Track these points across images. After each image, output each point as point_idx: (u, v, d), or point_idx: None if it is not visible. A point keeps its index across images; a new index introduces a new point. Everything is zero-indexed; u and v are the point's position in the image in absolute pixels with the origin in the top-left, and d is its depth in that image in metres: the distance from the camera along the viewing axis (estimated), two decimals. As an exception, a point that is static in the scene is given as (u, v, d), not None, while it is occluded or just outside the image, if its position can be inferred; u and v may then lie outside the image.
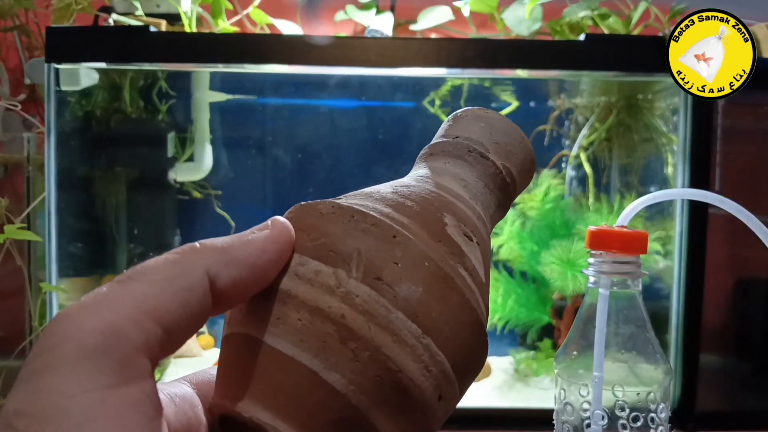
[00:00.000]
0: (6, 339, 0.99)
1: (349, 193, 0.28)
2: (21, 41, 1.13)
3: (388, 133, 1.22)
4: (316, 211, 0.26)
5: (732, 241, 0.99)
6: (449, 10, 1.07)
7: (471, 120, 0.31)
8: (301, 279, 0.24)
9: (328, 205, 0.26)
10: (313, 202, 0.27)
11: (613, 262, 0.40)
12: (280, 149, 1.22)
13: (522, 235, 1.05)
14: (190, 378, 0.28)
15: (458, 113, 0.32)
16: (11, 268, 0.95)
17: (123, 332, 0.20)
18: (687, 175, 0.94)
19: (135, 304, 0.21)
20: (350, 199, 0.27)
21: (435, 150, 0.31)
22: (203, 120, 1.15)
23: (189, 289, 0.22)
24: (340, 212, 0.25)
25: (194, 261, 0.22)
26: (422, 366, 0.24)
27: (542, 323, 1.08)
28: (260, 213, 1.24)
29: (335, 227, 0.25)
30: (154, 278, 0.22)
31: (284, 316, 0.23)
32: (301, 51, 0.92)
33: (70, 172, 1.06)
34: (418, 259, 0.24)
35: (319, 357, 0.23)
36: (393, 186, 0.28)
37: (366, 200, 0.27)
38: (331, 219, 0.25)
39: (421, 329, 0.24)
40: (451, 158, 0.30)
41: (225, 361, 0.25)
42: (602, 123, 1.10)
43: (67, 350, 0.20)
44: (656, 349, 0.41)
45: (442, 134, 0.32)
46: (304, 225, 0.25)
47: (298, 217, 0.26)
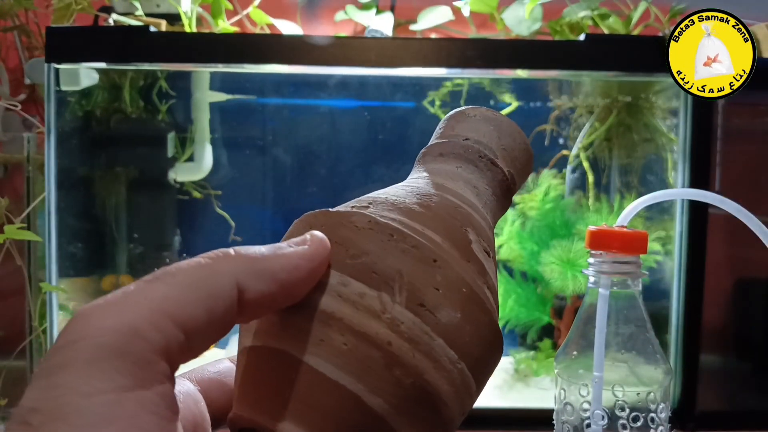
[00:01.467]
0: (6, 339, 0.99)
1: (370, 197, 0.27)
2: (21, 41, 1.13)
3: (388, 133, 1.22)
4: (351, 224, 0.25)
5: (732, 241, 0.99)
6: (449, 10, 1.07)
7: (480, 121, 0.31)
8: (345, 301, 0.23)
9: (364, 218, 0.25)
10: (344, 212, 0.26)
11: (613, 262, 0.40)
12: (280, 149, 1.22)
13: (522, 235, 1.05)
14: (190, 375, 0.28)
15: (466, 111, 0.32)
16: (11, 268, 0.95)
17: (142, 334, 0.20)
18: (687, 175, 0.94)
19: (157, 306, 0.20)
20: (377, 209, 0.26)
21: (445, 150, 0.30)
22: (203, 120, 1.15)
23: (215, 296, 0.21)
24: (377, 228, 0.25)
25: (224, 268, 0.22)
26: (454, 389, 0.24)
27: (542, 323, 1.08)
28: (260, 213, 1.24)
29: (374, 245, 0.24)
30: (181, 281, 0.21)
31: (328, 338, 0.23)
32: (301, 51, 0.92)
33: (70, 172, 1.06)
34: (456, 285, 0.25)
35: (363, 381, 0.23)
36: (416, 195, 0.27)
37: (394, 212, 0.26)
38: (369, 235, 0.25)
39: (457, 355, 0.24)
40: (462, 162, 0.30)
41: (253, 373, 0.24)
42: (602, 123, 1.10)
43: (85, 349, 0.20)
44: (656, 349, 0.41)
45: (451, 133, 0.31)
46: (339, 238, 0.25)
47: (330, 228, 0.25)
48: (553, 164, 1.13)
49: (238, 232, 1.19)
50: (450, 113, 0.32)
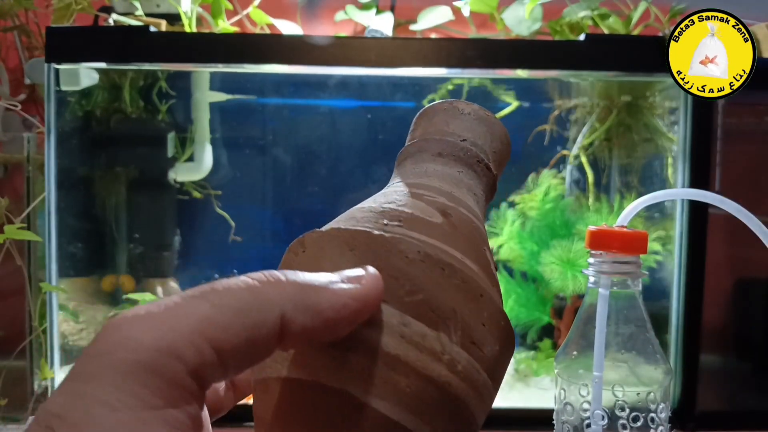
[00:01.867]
0: (6, 339, 0.99)
1: (394, 210, 0.26)
2: (21, 41, 1.13)
3: (388, 133, 1.21)
4: (401, 254, 0.25)
5: (732, 241, 0.99)
6: (449, 10, 1.07)
7: (475, 121, 0.31)
8: (409, 343, 0.23)
9: (412, 248, 0.25)
10: (389, 238, 0.25)
11: (613, 262, 0.40)
12: (280, 149, 1.22)
13: (522, 235, 1.05)
14: None
15: (459, 107, 0.31)
16: (11, 268, 0.95)
17: (179, 354, 0.19)
18: (687, 175, 0.94)
19: (198, 327, 0.20)
20: (412, 229, 0.26)
21: (444, 150, 0.30)
22: (203, 120, 1.14)
23: (258, 326, 0.21)
24: (428, 261, 0.25)
25: (272, 297, 0.21)
26: (485, 411, 0.26)
27: (542, 323, 1.08)
28: (260, 213, 1.24)
29: (427, 280, 0.24)
30: (226, 303, 0.21)
31: (392, 380, 0.23)
32: (301, 51, 0.92)
33: (70, 172, 1.06)
34: (496, 318, 0.25)
35: (425, 421, 0.23)
36: (438, 210, 0.27)
37: (431, 235, 0.26)
38: (421, 268, 0.24)
39: (492, 383, 0.25)
40: (463, 167, 0.30)
41: (301, 409, 0.24)
42: (602, 123, 1.10)
43: (119, 361, 0.19)
44: (656, 349, 0.40)
45: (446, 129, 0.31)
46: (391, 269, 0.24)
47: (377, 255, 0.25)
48: (553, 164, 1.13)
49: (238, 232, 1.19)
50: (439, 104, 0.32)
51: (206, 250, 1.22)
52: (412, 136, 0.32)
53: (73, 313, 1.05)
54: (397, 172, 0.30)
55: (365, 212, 0.27)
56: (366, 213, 0.27)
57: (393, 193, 0.28)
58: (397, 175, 0.30)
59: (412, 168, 0.30)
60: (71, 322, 1.05)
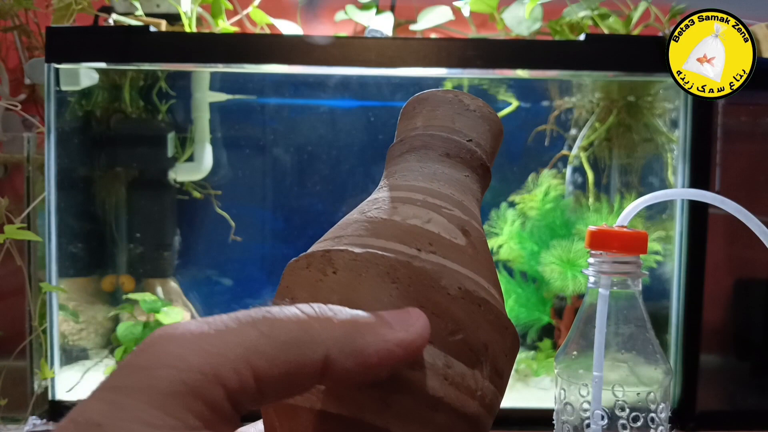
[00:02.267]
0: (6, 339, 0.99)
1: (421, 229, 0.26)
2: (21, 41, 1.13)
3: (388, 133, 1.21)
4: (443, 290, 0.25)
5: (732, 241, 0.99)
6: (449, 10, 1.07)
7: (479, 119, 0.30)
8: (451, 384, 0.24)
9: (453, 283, 0.25)
10: (430, 270, 0.25)
11: (613, 262, 0.40)
12: (279, 149, 1.22)
13: (522, 235, 1.05)
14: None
15: (465, 102, 0.30)
16: (11, 268, 0.95)
17: (223, 380, 0.20)
18: (687, 175, 0.94)
19: (244, 355, 0.20)
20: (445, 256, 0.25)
21: (452, 151, 0.29)
22: (203, 120, 1.14)
23: (302, 363, 0.21)
24: (468, 298, 0.25)
25: (319, 336, 0.21)
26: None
27: (542, 323, 1.08)
28: (260, 213, 1.24)
29: (466, 317, 0.25)
30: (275, 336, 0.21)
31: (433, 420, 0.24)
32: (301, 51, 0.92)
33: (70, 172, 1.06)
34: (515, 346, 0.26)
35: None
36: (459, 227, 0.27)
37: (463, 264, 0.26)
38: (461, 306, 0.25)
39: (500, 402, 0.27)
40: (469, 171, 0.29)
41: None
42: (602, 123, 1.10)
43: (164, 379, 0.19)
44: (656, 349, 0.40)
45: (452, 126, 0.30)
46: (434, 307, 0.24)
47: (419, 288, 0.24)
48: (553, 164, 1.13)
49: (238, 232, 1.19)
50: (442, 94, 0.31)
51: (206, 250, 1.22)
52: (412, 124, 0.31)
53: (73, 313, 1.05)
54: (403, 167, 0.30)
55: (388, 226, 0.26)
56: (391, 228, 0.26)
57: (409, 200, 0.27)
58: (403, 170, 0.29)
59: (418, 167, 0.29)
60: (71, 322, 1.05)
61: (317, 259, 0.26)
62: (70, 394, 0.97)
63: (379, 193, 0.29)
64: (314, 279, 0.25)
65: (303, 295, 0.25)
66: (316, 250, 0.26)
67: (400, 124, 0.32)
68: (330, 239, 0.27)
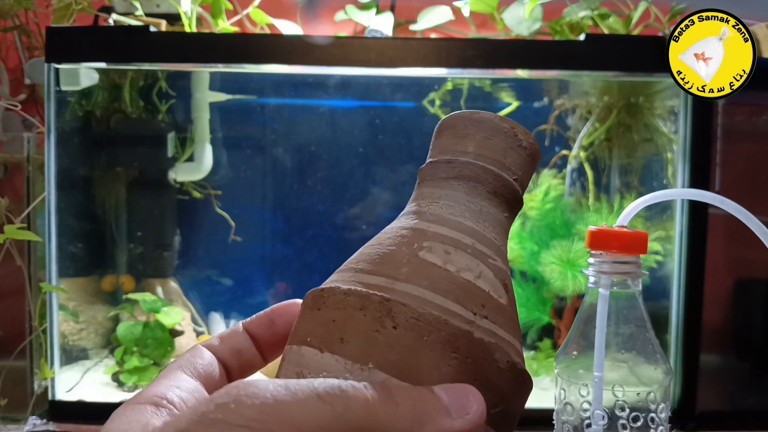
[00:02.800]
0: (6, 339, 0.99)
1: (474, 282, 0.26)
2: (21, 41, 1.13)
3: (388, 133, 1.21)
4: (495, 363, 0.25)
5: (732, 241, 0.99)
6: (449, 10, 1.07)
7: (528, 158, 0.30)
8: None
9: (504, 357, 0.25)
10: (487, 343, 0.25)
11: (613, 262, 0.40)
12: (280, 149, 1.22)
13: (522, 235, 1.05)
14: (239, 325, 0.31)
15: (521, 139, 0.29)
16: (11, 268, 0.95)
17: None
18: (687, 175, 0.94)
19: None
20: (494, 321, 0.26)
21: (499, 190, 0.29)
22: (203, 120, 1.14)
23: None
24: (513, 371, 0.26)
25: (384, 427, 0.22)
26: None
27: (542, 323, 1.08)
28: (260, 213, 1.24)
29: (509, 391, 0.26)
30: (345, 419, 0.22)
31: None
32: (301, 51, 0.92)
33: (70, 172, 1.06)
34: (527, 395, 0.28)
35: None
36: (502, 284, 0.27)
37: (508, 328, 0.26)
38: (507, 379, 0.25)
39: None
40: (509, 211, 0.29)
41: None
42: (602, 123, 1.10)
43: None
44: (656, 349, 0.40)
45: (504, 164, 0.29)
46: (484, 380, 0.25)
47: (477, 366, 0.25)
48: (553, 164, 1.13)
49: (238, 232, 1.19)
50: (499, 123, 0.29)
51: (206, 250, 1.22)
52: (462, 146, 0.29)
53: (73, 313, 1.05)
54: (449, 195, 0.29)
55: (444, 279, 0.26)
56: (446, 282, 0.26)
57: (459, 244, 0.27)
58: (448, 199, 0.28)
59: (466, 200, 0.28)
60: (71, 322, 1.05)
61: (374, 304, 0.25)
62: (70, 394, 0.97)
63: (424, 222, 0.28)
64: (371, 328, 0.25)
65: (358, 344, 0.25)
66: (372, 293, 0.25)
67: (443, 138, 0.30)
68: (378, 275, 0.26)
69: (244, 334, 0.31)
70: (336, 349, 0.25)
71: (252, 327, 0.31)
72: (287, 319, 0.31)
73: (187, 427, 0.21)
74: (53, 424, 0.92)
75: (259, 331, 0.31)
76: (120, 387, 1.00)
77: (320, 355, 0.25)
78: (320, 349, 0.25)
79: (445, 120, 0.31)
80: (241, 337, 0.30)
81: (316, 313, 0.26)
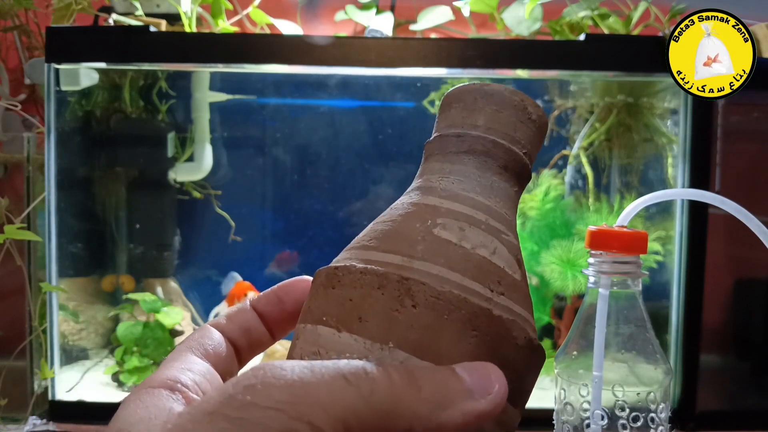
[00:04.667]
0: (6, 339, 0.99)
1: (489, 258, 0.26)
2: (21, 41, 1.13)
3: (388, 133, 1.21)
4: (513, 340, 0.25)
5: (732, 241, 0.99)
6: (449, 10, 1.07)
7: (537, 131, 0.29)
8: (498, 425, 0.25)
9: (522, 333, 0.25)
10: (506, 320, 0.25)
11: (613, 262, 0.40)
12: (280, 149, 1.22)
13: (522, 235, 1.05)
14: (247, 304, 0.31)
15: (530, 111, 0.29)
16: (11, 268, 0.95)
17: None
18: (687, 175, 0.94)
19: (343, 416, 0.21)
20: (510, 297, 0.26)
21: (509, 164, 0.28)
22: (203, 120, 1.14)
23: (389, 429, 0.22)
24: (529, 347, 0.26)
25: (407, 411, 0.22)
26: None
27: (542, 323, 1.08)
28: (260, 213, 1.24)
29: (525, 366, 0.26)
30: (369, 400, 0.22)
31: None
32: (301, 51, 0.92)
33: (70, 172, 1.06)
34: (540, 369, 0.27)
35: None
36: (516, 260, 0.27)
37: (523, 305, 0.26)
38: (524, 355, 0.25)
39: None
40: (519, 186, 0.29)
41: None
42: (602, 123, 1.10)
43: (274, 419, 0.20)
44: (656, 349, 0.41)
45: (515, 137, 0.28)
46: (502, 358, 0.25)
47: (496, 343, 0.25)
48: (553, 164, 1.13)
49: (238, 232, 1.19)
50: (509, 96, 0.29)
51: (206, 250, 1.22)
52: (473, 120, 0.29)
53: (73, 313, 1.05)
54: (460, 170, 0.28)
55: (460, 256, 0.26)
56: (463, 260, 0.25)
57: (473, 220, 0.27)
58: (459, 174, 0.28)
59: (477, 175, 0.28)
60: (71, 322, 1.05)
61: (393, 283, 0.25)
62: (70, 394, 0.97)
63: (436, 198, 0.27)
64: (390, 308, 0.24)
65: (377, 323, 0.24)
66: (390, 273, 0.25)
67: (452, 111, 0.29)
68: (395, 253, 0.26)
69: (252, 312, 0.30)
70: (354, 328, 0.24)
71: (259, 305, 0.31)
72: (295, 296, 0.31)
73: (216, 409, 0.20)
74: (53, 424, 0.92)
75: (266, 308, 0.31)
76: (120, 387, 1.00)
77: (338, 335, 0.25)
78: (337, 328, 0.25)
79: (454, 92, 0.30)
80: (249, 315, 0.30)
81: (331, 292, 0.26)
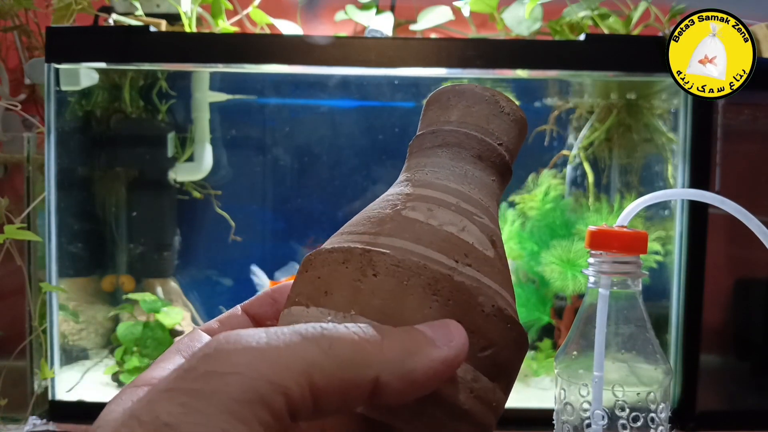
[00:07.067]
0: (6, 339, 0.99)
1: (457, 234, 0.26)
2: (21, 41, 1.13)
3: (388, 134, 1.21)
4: (479, 307, 0.25)
5: (732, 241, 0.99)
6: (449, 10, 1.07)
7: (512, 123, 0.30)
8: (476, 398, 0.25)
9: (488, 302, 0.25)
10: (469, 287, 0.25)
11: (613, 262, 0.40)
12: (279, 149, 1.22)
13: (522, 235, 1.05)
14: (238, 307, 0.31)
15: (502, 105, 0.30)
16: (11, 268, 0.95)
17: (287, 392, 0.20)
18: (687, 175, 0.94)
19: (307, 371, 0.21)
20: (479, 270, 0.26)
21: (484, 154, 0.29)
22: (203, 120, 1.14)
23: (355, 383, 0.22)
24: (499, 316, 0.26)
25: (371, 359, 0.22)
26: None
27: (542, 323, 1.08)
28: (260, 213, 1.24)
29: (497, 336, 0.25)
30: (333, 354, 0.22)
31: (458, 429, 0.25)
32: (301, 51, 0.92)
33: (70, 172, 1.06)
34: (524, 354, 0.27)
35: None
36: (490, 238, 0.27)
37: (495, 279, 0.26)
38: (493, 324, 0.25)
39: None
40: (497, 175, 0.29)
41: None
42: (602, 123, 1.10)
43: (234, 384, 0.20)
44: (656, 349, 0.40)
45: (488, 129, 0.29)
46: (470, 324, 0.25)
47: (461, 308, 0.25)
48: (553, 164, 1.13)
49: (238, 232, 1.19)
50: (480, 92, 0.30)
51: (206, 250, 1.22)
52: (446, 116, 0.30)
53: (73, 313, 1.05)
54: (434, 162, 0.29)
55: (426, 231, 0.26)
56: (428, 234, 0.26)
57: (443, 202, 0.27)
58: (434, 165, 0.29)
59: (450, 165, 0.29)
60: (71, 322, 1.05)
61: (356, 256, 0.25)
62: (70, 394, 0.97)
63: (409, 187, 0.28)
64: (353, 278, 0.25)
65: (342, 294, 0.25)
66: (353, 247, 0.26)
67: (429, 112, 0.31)
68: (363, 234, 0.27)
69: (244, 316, 0.31)
70: (321, 302, 0.25)
71: (252, 308, 0.31)
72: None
73: (174, 385, 0.20)
74: (53, 424, 0.92)
75: (260, 310, 0.31)
76: (120, 387, 1.00)
77: (306, 310, 0.26)
78: (306, 305, 0.26)
79: (431, 95, 0.32)
80: (240, 319, 0.30)
81: (304, 275, 0.27)
